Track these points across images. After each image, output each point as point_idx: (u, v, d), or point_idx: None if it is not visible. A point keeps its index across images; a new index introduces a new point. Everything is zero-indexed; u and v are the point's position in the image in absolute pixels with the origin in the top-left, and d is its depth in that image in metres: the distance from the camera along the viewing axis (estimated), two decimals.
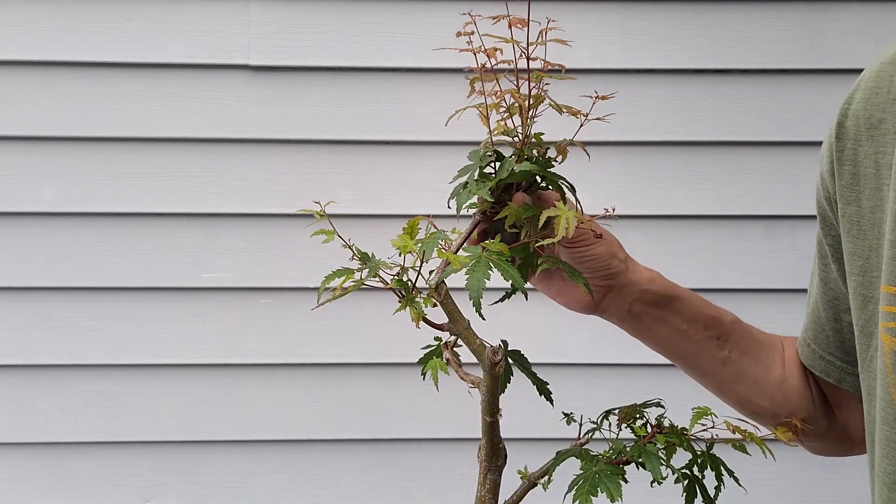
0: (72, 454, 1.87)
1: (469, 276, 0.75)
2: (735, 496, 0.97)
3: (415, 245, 0.78)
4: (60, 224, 1.84)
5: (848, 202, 0.83)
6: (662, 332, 0.96)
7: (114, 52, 1.82)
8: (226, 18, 1.83)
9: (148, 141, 1.84)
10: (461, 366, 0.84)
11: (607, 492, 0.80)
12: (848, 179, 0.83)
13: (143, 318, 1.85)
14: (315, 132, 1.85)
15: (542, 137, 0.82)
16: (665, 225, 1.88)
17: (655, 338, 0.97)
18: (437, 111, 1.82)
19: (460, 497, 1.88)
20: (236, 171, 1.85)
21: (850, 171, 0.83)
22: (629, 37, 1.86)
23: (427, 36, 1.84)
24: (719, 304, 0.99)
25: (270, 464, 1.89)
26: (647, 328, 0.96)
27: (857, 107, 0.83)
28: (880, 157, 0.80)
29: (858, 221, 0.82)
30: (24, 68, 1.82)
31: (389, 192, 1.85)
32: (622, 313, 0.95)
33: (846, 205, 0.84)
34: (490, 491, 0.85)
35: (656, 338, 0.97)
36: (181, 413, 1.87)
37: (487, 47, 0.78)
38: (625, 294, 0.93)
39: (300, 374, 1.88)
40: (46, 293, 1.85)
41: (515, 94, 0.78)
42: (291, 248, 1.85)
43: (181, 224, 1.85)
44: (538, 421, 1.70)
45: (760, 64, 1.86)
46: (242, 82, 1.84)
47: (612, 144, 1.85)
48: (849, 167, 0.83)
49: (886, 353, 0.78)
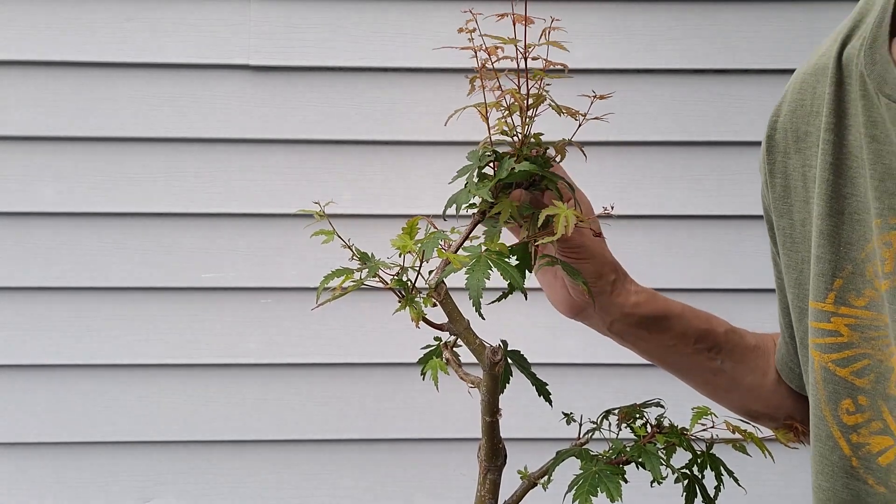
0: (72, 454, 1.87)
1: (469, 275, 0.75)
2: (735, 496, 0.97)
3: (414, 245, 0.78)
4: (60, 224, 1.84)
5: (781, 214, 0.84)
6: (647, 347, 0.95)
7: (114, 52, 1.82)
8: (226, 18, 1.83)
9: (148, 141, 1.84)
10: (461, 366, 0.84)
11: (607, 492, 0.80)
12: (780, 192, 0.84)
13: (143, 318, 1.85)
14: (315, 132, 1.85)
15: (541, 137, 0.82)
16: (665, 225, 1.88)
17: (641, 351, 0.96)
18: (437, 111, 1.82)
19: (460, 497, 1.88)
20: (236, 171, 1.85)
21: (781, 184, 0.84)
22: (629, 37, 1.86)
23: (427, 36, 1.84)
24: (719, 304, 0.99)
25: (270, 464, 1.89)
26: (631, 344, 0.95)
27: (784, 120, 0.83)
28: (807, 170, 0.80)
29: (791, 234, 0.83)
30: (24, 68, 1.82)
31: (389, 192, 1.85)
32: (602, 329, 0.94)
33: (780, 217, 0.84)
34: (490, 491, 0.85)
35: (641, 351, 0.96)
36: (181, 413, 1.87)
37: (488, 46, 0.78)
38: (605, 313, 0.91)
39: (300, 374, 1.88)
40: (46, 293, 1.85)
41: (515, 93, 0.78)
42: (291, 248, 1.85)
43: (181, 224, 1.85)
44: (538, 421, 1.70)
45: (760, 64, 1.86)
46: (242, 82, 1.84)
47: (611, 144, 1.85)
48: (780, 180, 0.84)
49: (816, 368, 0.79)
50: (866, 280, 0.75)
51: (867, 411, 0.76)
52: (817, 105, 0.80)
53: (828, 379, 0.78)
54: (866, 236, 0.75)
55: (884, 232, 0.73)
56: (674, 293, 1.99)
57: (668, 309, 0.93)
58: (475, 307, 0.75)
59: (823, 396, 0.78)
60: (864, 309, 0.75)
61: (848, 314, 0.76)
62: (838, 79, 0.77)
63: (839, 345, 0.77)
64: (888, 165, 0.72)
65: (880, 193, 0.73)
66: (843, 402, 0.77)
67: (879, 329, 0.75)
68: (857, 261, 0.76)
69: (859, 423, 0.76)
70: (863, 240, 0.75)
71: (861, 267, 0.75)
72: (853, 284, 0.76)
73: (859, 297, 0.76)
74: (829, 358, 0.78)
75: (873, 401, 0.75)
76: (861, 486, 0.76)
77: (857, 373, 0.76)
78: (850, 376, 0.76)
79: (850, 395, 0.76)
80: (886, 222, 0.72)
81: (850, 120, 0.76)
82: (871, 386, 0.75)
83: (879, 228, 0.73)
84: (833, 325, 0.77)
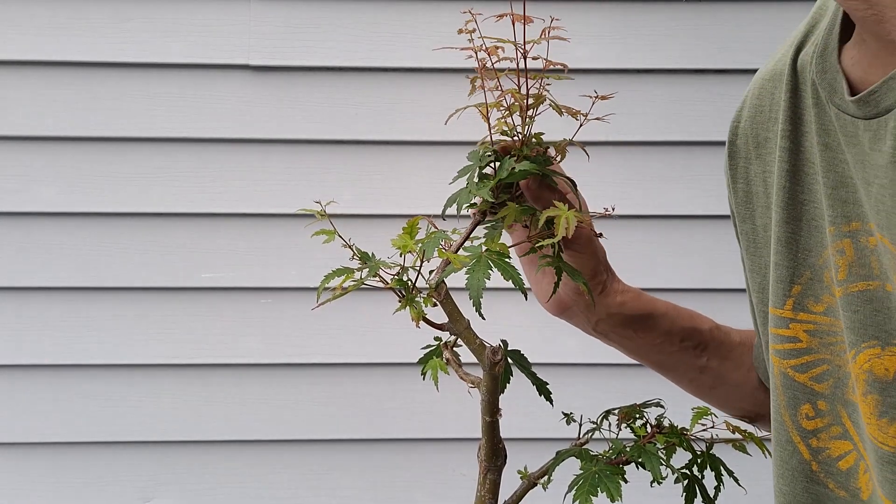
0: (72, 454, 1.87)
1: (469, 275, 0.75)
2: (735, 496, 0.97)
3: (415, 245, 0.78)
4: (60, 224, 1.84)
5: (744, 220, 0.84)
6: (633, 346, 0.94)
7: (114, 52, 1.82)
8: (226, 18, 1.83)
9: (148, 141, 1.84)
10: (461, 366, 0.84)
11: (607, 492, 0.80)
12: (742, 197, 0.84)
13: (143, 318, 1.85)
14: (315, 132, 1.85)
15: (542, 137, 0.82)
16: (665, 225, 1.88)
17: (626, 350, 0.96)
18: (437, 111, 1.82)
19: (460, 497, 1.88)
20: (236, 171, 1.85)
21: (743, 189, 0.84)
22: (629, 37, 1.86)
23: (427, 36, 1.84)
24: (719, 304, 1.00)
25: (270, 464, 1.89)
26: (617, 343, 0.94)
27: (744, 125, 0.83)
28: (768, 176, 0.80)
29: (754, 239, 0.83)
30: (24, 68, 1.82)
31: (389, 192, 1.85)
32: (587, 328, 0.94)
33: (742, 222, 0.85)
34: (490, 491, 0.85)
35: (627, 350, 0.96)
36: (181, 413, 1.87)
37: (488, 46, 0.78)
38: (591, 313, 0.91)
39: (300, 374, 1.88)
40: (46, 293, 1.85)
41: (516, 93, 0.78)
42: (291, 248, 1.85)
43: (181, 224, 1.85)
44: (538, 421, 1.70)
45: (760, 64, 1.85)
46: (242, 82, 1.84)
47: (611, 144, 1.85)
48: (742, 185, 0.84)
49: (776, 374, 0.79)
50: (824, 286, 0.75)
51: (826, 416, 0.76)
52: (775, 111, 0.80)
53: (787, 385, 0.78)
54: (823, 242, 0.75)
55: (837, 240, 0.73)
56: (673, 293, 1.99)
57: (653, 308, 0.92)
58: (475, 307, 0.75)
59: (783, 402, 0.79)
60: (823, 315, 0.76)
61: (807, 320, 0.76)
62: (793, 85, 0.77)
63: (798, 350, 0.77)
64: (840, 174, 0.72)
65: (833, 201, 0.73)
66: (803, 408, 0.77)
67: (837, 335, 0.75)
68: (815, 267, 0.76)
69: (819, 428, 0.76)
70: (820, 246, 0.75)
71: (819, 273, 0.76)
72: (812, 290, 0.76)
73: (818, 302, 0.76)
74: (787, 364, 0.78)
75: (832, 406, 0.76)
76: (822, 490, 0.76)
77: (816, 378, 0.76)
78: (810, 382, 0.77)
79: (810, 401, 0.77)
80: (839, 230, 0.72)
81: (806, 127, 0.76)
82: (830, 391, 0.76)
83: (833, 236, 0.73)
84: (792, 331, 0.77)
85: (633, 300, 0.90)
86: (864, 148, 0.69)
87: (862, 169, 0.69)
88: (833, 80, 0.72)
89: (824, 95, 0.73)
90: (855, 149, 0.70)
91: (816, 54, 0.75)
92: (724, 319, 0.99)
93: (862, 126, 0.68)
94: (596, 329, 0.93)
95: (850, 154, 0.70)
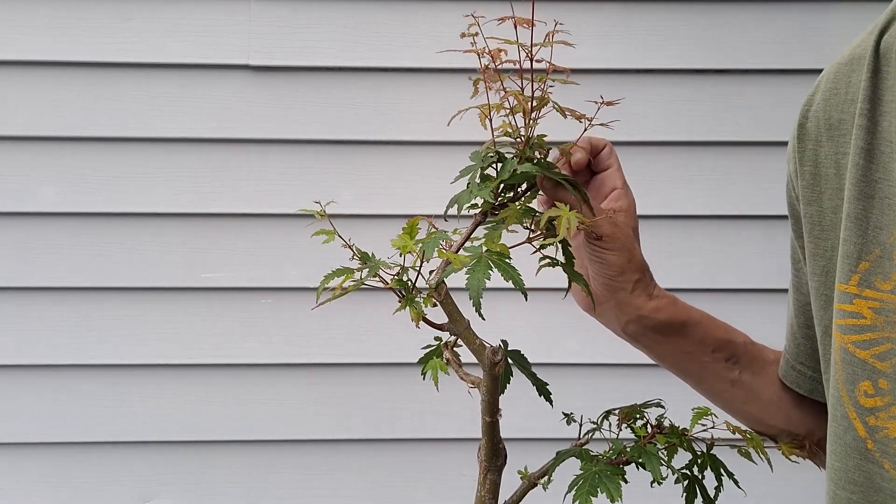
0: (72, 454, 1.87)
1: (469, 275, 0.75)
2: (735, 496, 0.97)
3: (415, 245, 0.78)
4: (60, 224, 1.84)
5: (809, 202, 0.84)
6: (662, 352, 0.94)
7: (114, 52, 1.82)
8: (226, 18, 1.83)
9: (148, 141, 1.84)
10: (461, 366, 0.84)
11: (607, 492, 0.80)
12: (809, 180, 0.84)
13: (143, 318, 1.85)
14: (315, 132, 1.85)
15: (545, 139, 0.82)
16: (665, 225, 1.88)
17: (655, 356, 0.95)
18: (438, 111, 1.83)
19: (460, 497, 1.88)
20: (236, 171, 1.85)
21: (811, 172, 0.84)
22: (630, 37, 1.86)
23: (427, 36, 1.84)
24: (719, 304, 0.99)
25: (270, 464, 1.89)
26: (646, 347, 0.94)
27: (816, 108, 0.84)
28: (840, 158, 0.81)
29: (820, 221, 0.83)
30: (24, 68, 1.82)
31: (389, 192, 1.85)
32: (616, 329, 0.93)
33: (808, 205, 0.84)
34: (490, 491, 0.85)
35: (656, 356, 0.95)
36: (181, 413, 1.87)
37: (491, 48, 0.78)
38: (622, 312, 0.91)
39: (300, 374, 1.88)
40: (46, 293, 1.85)
41: (519, 95, 0.78)
42: (291, 248, 1.85)
43: (181, 224, 1.85)
44: (538, 421, 1.70)
45: (760, 64, 1.86)
46: (242, 82, 1.84)
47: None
48: (810, 167, 0.84)
49: (836, 349, 0.79)
50: (894, 264, 0.75)
51: (887, 395, 0.75)
52: (852, 94, 0.80)
53: (847, 360, 0.77)
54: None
55: None
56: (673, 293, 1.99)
57: (687, 316, 0.92)
58: (475, 307, 0.75)
59: (841, 377, 0.78)
60: (891, 293, 0.75)
61: (873, 297, 0.76)
62: (875, 67, 0.78)
63: (860, 327, 0.77)
64: None
65: None
66: (862, 384, 0.76)
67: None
68: (885, 245, 0.76)
69: (878, 407, 0.76)
70: (893, 224, 0.75)
71: (889, 251, 0.75)
72: (880, 268, 0.76)
73: (886, 280, 0.76)
74: (849, 339, 0.77)
75: (894, 385, 0.75)
76: (875, 469, 0.75)
77: (880, 356, 0.76)
78: (872, 359, 0.76)
79: (870, 378, 0.76)
80: None
81: (886, 106, 0.77)
82: (893, 370, 0.75)
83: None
84: (856, 306, 0.77)
85: (667, 306, 0.91)
86: None
87: None
88: None
89: None
90: None
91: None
92: (724, 319, 0.99)
93: None
94: (625, 331, 0.92)
95: None
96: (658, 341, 0.92)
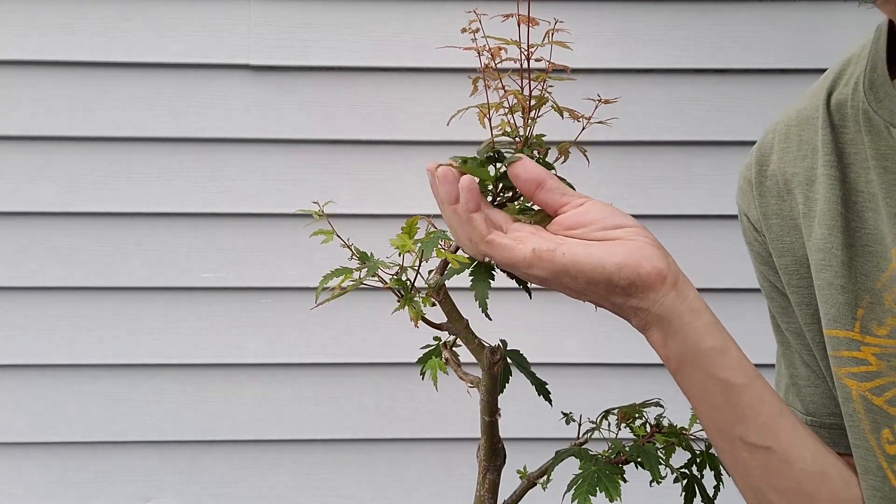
0: (72, 454, 1.87)
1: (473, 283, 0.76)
2: (734, 496, 0.97)
3: (414, 244, 0.78)
4: (60, 224, 1.84)
5: (781, 254, 0.86)
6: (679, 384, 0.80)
7: (114, 52, 1.82)
8: (226, 18, 1.83)
9: (148, 141, 1.84)
10: (460, 365, 0.84)
11: (606, 491, 0.81)
12: (777, 232, 0.86)
13: (143, 318, 1.86)
14: (315, 132, 1.85)
15: (543, 138, 0.82)
16: (665, 225, 1.88)
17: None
18: (438, 111, 1.83)
19: (460, 497, 1.88)
20: (236, 171, 1.85)
21: (777, 224, 0.86)
22: (629, 37, 1.86)
23: (428, 36, 1.84)
24: (720, 304, 0.99)
25: (270, 464, 1.89)
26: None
27: (774, 167, 0.87)
28: (801, 209, 0.83)
29: (797, 270, 0.84)
30: (24, 68, 1.82)
31: (389, 192, 1.85)
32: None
33: (780, 256, 0.86)
34: (489, 490, 0.85)
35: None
36: (181, 413, 1.87)
37: (491, 47, 0.78)
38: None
39: (300, 374, 1.88)
40: (46, 293, 1.85)
41: (518, 94, 0.78)
42: (291, 248, 1.85)
43: (181, 224, 1.85)
44: (537, 421, 1.70)
45: (760, 64, 1.86)
46: (242, 82, 1.84)
47: (611, 144, 1.85)
48: (776, 221, 0.86)
49: (855, 398, 0.77)
50: (885, 309, 0.76)
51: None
52: (804, 150, 0.84)
53: (868, 408, 0.76)
54: (880, 266, 0.76)
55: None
56: None
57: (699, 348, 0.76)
58: (482, 308, 0.75)
59: (867, 426, 0.76)
60: (887, 338, 0.75)
61: (874, 343, 0.76)
62: (831, 123, 0.82)
63: (871, 374, 0.77)
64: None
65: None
66: (884, 432, 0.76)
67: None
68: (874, 291, 0.77)
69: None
70: (877, 270, 0.77)
71: (879, 296, 0.76)
72: (874, 314, 0.76)
73: (881, 325, 0.76)
74: (865, 387, 0.76)
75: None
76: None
77: (890, 401, 0.75)
78: (885, 405, 0.75)
79: (888, 425, 0.76)
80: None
81: (850, 158, 0.80)
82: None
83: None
84: (863, 353, 0.76)
85: (674, 357, 0.75)
86: None
87: None
88: (893, 106, 0.77)
89: (882, 123, 0.78)
90: None
91: (865, 88, 0.80)
92: (724, 319, 0.99)
93: None
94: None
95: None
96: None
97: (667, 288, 0.73)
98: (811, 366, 0.86)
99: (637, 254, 0.72)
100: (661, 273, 0.73)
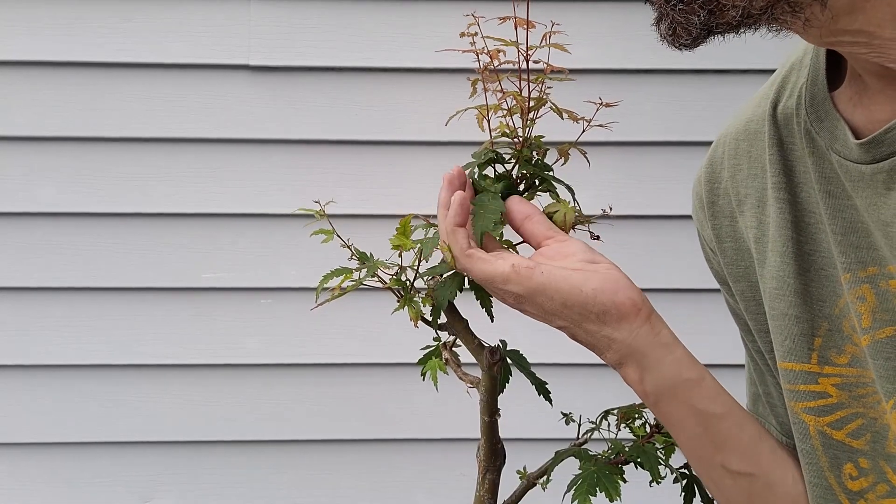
0: (72, 454, 1.87)
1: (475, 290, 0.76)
2: None
3: (413, 244, 0.78)
4: (60, 224, 1.84)
5: (737, 279, 0.82)
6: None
7: (114, 52, 1.82)
8: (226, 18, 1.83)
9: (148, 141, 1.84)
10: (460, 366, 0.84)
11: (606, 491, 0.81)
12: (732, 257, 0.82)
13: (143, 318, 1.86)
14: (315, 132, 1.85)
15: (542, 139, 0.82)
16: (665, 225, 1.87)
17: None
18: (437, 111, 1.82)
19: (460, 497, 1.88)
20: (236, 171, 1.85)
21: (732, 248, 0.82)
22: (629, 37, 1.86)
23: (427, 36, 1.84)
24: (720, 304, 0.98)
25: (270, 464, 1.89)
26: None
27: (726, 185, 0.82)
28: (748, 231, 0.79)
29: (753, 296, 0.81)
30: (24, 68, 1.82)
31: (389, 192, 1.85)
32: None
33: (736, 282, 0.82)
34: (489, 491, 0.85)
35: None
36: (181, 413, 1.87)
37: (490, 49, 0.78)
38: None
39: (300, 374, 1.88)
40: (46, 293, 1.85)
41: (517, 95, 0.79)
42: (291, 248, 1.85)
43: (181, 224, 1.85)
44: (537, 421, 1.70)
45: (760, 64, 1.86)
46: (242, 82, 1.84)
47: (611, 144, 1.85)
48: (730, 244, 0.82)
49: (813, 434, 0.74)
50: (844, 336, 0.73)
51: (870, 474, 0.72)
52: (755, 167, 0.79)
53: (826, 444, 0.74)
54: (837, 291, 0.73)
55: (854, 286, 0.70)
56: (673, 293, 1.99)
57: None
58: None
59: (825, 463, 0.74)
60: (848, 366, 0.72)
61: (833, 373, 0.73)
62: (778, 139, 0.77)
63: (830, 406, 0.73)
64: (848, 220, 0.71)
65: (845, 248, 0.71)
66: (846, 467, 0.73)
67: (867, 386, 0.72)
68: (831, 317, 0.73)
69: (864, 489, 0.72)
70: (834, 295, 0.73)
71: (837, 323, 0.73)
72: (832, 342, 0.73)
73: (840, 354, 0.73)
74: (823, 422, 0.74)
75: (874, 462, 0.72)
76: None
77: (853, 434, 0.73)
78: (847, 438, 0.73)
79: (851, 459, 0.73)
80: (856, 276, 0.70)
81: (800, 177, 0.75)
82: (869, 447, 0.72)
83: (850, 283, 0.71)
84: (821, 386, 0.74)
85: (653, 394, 0.75)
86: (878, 189, 0.67)
87: (876, 211, 0.68)
88: (833, 126, 0.71)
89: (823, 143, 0.72)
90: (865, 192, 0.68)
91: (807, 104, 0.74)
92: (723, 320, 0.99)
93: (869, 170, 0.67)
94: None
95: (860, 199, 0.69)
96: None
97: (640, 320, 0.73)
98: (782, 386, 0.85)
99: (614, 283, 0.73)
100: (635, 304, 0.73)
